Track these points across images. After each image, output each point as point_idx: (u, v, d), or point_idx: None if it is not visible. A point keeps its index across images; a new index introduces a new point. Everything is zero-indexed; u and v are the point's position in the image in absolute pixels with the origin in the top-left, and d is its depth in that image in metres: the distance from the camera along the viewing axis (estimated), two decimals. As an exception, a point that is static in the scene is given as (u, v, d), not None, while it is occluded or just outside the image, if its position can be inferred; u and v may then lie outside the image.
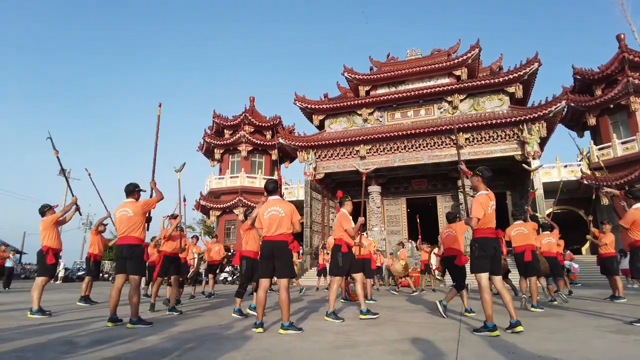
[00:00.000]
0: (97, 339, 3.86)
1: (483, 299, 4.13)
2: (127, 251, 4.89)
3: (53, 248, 6.12)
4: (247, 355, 3.11)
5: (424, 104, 22.85)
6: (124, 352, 3.21)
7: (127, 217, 4.93)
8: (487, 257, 4.21)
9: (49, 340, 3.75)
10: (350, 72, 24.76)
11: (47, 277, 6.17)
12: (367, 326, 4.76)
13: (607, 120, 22.08)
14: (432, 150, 21.32)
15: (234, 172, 28.82)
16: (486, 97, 21.72)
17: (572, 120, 24.63)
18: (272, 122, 29.36)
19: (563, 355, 3.09)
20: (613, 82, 21.71)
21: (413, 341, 3.73)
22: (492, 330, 3.97)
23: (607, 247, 8.65)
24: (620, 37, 21.71)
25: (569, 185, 22.37)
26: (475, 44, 22.60)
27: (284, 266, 4.38)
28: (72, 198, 6.67)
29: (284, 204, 4.50)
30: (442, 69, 23.22)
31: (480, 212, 4.19)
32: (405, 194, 25.72)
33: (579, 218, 23.35)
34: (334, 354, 3.19)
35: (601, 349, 3.36)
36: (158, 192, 5.40)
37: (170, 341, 3.74)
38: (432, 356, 3.10)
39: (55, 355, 3.10)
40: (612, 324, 4.76)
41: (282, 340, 3.78)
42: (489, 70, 25.88)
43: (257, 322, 4.32)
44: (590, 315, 5.72)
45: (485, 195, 4.30)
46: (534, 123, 19.39)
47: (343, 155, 22.98)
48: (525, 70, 20.54)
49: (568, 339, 3.83)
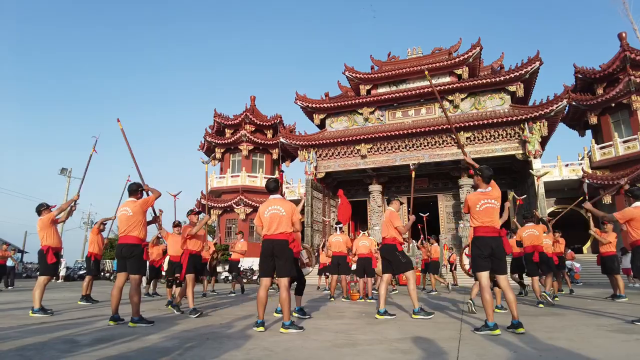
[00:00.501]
0: (98, 337, 3.87)
1: (483, 298, 4.13)
2: (126, 250, 4.92)
3: (53, 247, 6.13)
4: (248, 355, 3.11)
5: (425, 103, 22.84)
6: (125, 351, 3.22)
7: (127, 216, 4.95)
8: (483, 256, 4.20)
9: (51, 339, 3.76)
10: (351, 71, 24.75)
11: (49, 276, 6.20)
12: (368, 325, 4.76)
13: (609, 119, 22.02)
14: (433, 149, 21.32)
15: (235, 171, 28.84)
16: (487, 96, 21.70)
17: (574, 119, 24.60)
18: (273, 121, 29.34)
19: (564, 354, 3.08)
20: (615, 80, 21.65)
21: (414, 340, 3.73)
22: (493, 329, 3.97)
23: (610, 245, 8.63)
24: (622, 36, 21.64)
25: (570, 185, 22.35)
26: (476, 43, 22.58)
27: (284, 265, 4.38)
28: (74, 196, 6.67)
29: (284, 203, 4.51)
30: (443, 68, 23.21)
31: (465, 207, 4.38)
32: (407, 193, 25.65)
33: (580, 217, 23.32)
34: (335, 353, 3.19)
35: (603, 348, 3.36)
36: (154, 190, 5.40)
37: (172, 340, 3.75)
38: (433, 355, 3.09)
39: (57, 354, 3.11)
40: (613, 323, 4.75)
41: (283, 339, 3.78)
42: (490, 69, 25.87)
43: (258, 321, 4.31)
44: (591, 315, 5.71)
45: (477, 193, 4.33)
46: (535, 122, 19.38)
47: (344, 154, 22.99)
48: (527, 69, 20.52)
49: (569, 338, 3.83)
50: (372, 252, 9.13)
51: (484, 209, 4.23)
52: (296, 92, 24.55)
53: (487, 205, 4.23)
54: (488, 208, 4.24)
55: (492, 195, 4.28)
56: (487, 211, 4.24)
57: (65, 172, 31.71)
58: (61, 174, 31.74)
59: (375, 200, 24.24)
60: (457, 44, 25.54)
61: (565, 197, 23.28)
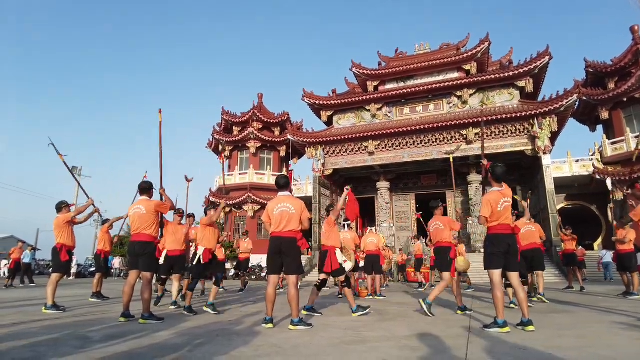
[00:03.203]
0: (109, 334, 3.92)
1: (495, 295, 4.11)
2: (139, 248, 4.96)
3: (67, 245, 6.25)
4: (257, 351, 3.13)
5: (433, 99, 22.67)
6: (136, 347, 3.25)
7: (140, 214, 4.99)
8: (499, 253, 4.19)
9: (63, 335, 3.82)
10: (359, 67, 24.64)
11: (62, 274, 6.36)
12: (377, 322, 4.77)
13: (621, 113, 21.68)
14: (442, 145, 21.16)
15: (242, 169, 28.95)
16: (496, 91, 21.48)
17: (584, 115, 24.27)
18: (281, 118, 29.37)
19: (574, 352, 3.05)
20: (627, 74, 21.31)
21: (422, 337, 3.72)
22: (502, 327, 3.95)
23: (629, 243, 8.49)
24: (635, 29, 21.27)
25: (580, 181, 22.07)
26: (484, 38, 22.34)
27: (292, 263, 4.39)
28: (88, 200, 6.69)
29: (294, 201, 4.51)
30: (451, 64, 23.00)
31: (487, 210, 4.22)
32: (415, 190, 25.59)
33: (590, 213, 23.05)
34: (343, 350, 3.19)
35: (614, 346, 3.32)
36: (169, 199, 5.42)
37: (181, 337, 3.79)
38: (441, 352, 3.08)
39: (70, 350, 3.15)
40: (625, 321, 4.69)
41: (291, 336, 3.79)
42: (498, 64, 25.58)
43: (267, 318, 4.33)
44: (602, 312, 5.65)
45: (496, 193, 4.27)
46: (545, 117, 19.14)
47: (351, 151, 22.92)
48: (536, 63, 20.25)
49: (579, 335, 3.79)
50: (380, 249, 9.13)
51: (504, 208, 4.24)
52: (303, 90, 24.52)
53: (506, 204, 4.26)
54: (507, 207, 4.27)
55: (508, 194, 4.31)
56: (507, 210, 4.26)
57: (75, 171, 32.09)
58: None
59: (383, 197, 24.17)
60: (465, 40, 25.28)
61: (575, 193, 23.02)
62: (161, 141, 5.98)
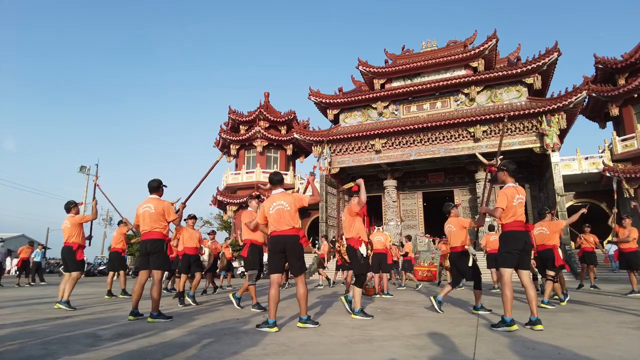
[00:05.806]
0: (119, 332, 3.97)
1: (504, 294, 4.09)
2: (150, 246, 4.98)
3: (82, 245, 6.38)
4: (265, 350, 3.15)
5: (440, 96, 22.54)
6: (146, 346, 3.29)
7: (150, 213, 5.00)
8: (515, 251, 4.18)
9: (74, 334, 3.88)
10: (365, 65, 24.56)
11: (81, 272, 6.55)
12: (384, 321, 4.77)
13: (631, 110, 21.37)
14: (449, 143, 21.05)
15: (249, 168, 29.04)
16: (504, 88, 21.30)
17: (594, 111, 23.97)
18: (287, 117, 29.40)
19: (584, 351, 3.04)
20: (637, 70, 21.01)
21: (430, 336, 3.72)
22: (510, 325, 3.94)
23: (633, 242, 8.41)
24: (645, 24, 20.95)
25: (590, 178, 21.83)
26: (492, 35, 22.14)
27: (297, 262, 4.34)
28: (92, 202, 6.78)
29: (286, 197, 4.42)
30: (458, 61, 22.83)
31: (504, 202, 4.23)
32: (422, 188, 25.49)
33: (600, 211, 22.79)
34: (350, 349, 3.21)
35: (623, 345, 3.29)
36: (180, 216, 5.42)
37: (190, 335, 3.82)
38: (449, 351, 3.08)
39: (81, 348, 3.20)
40: (634, 320, 4.65)
41: (299, 335, 3.81)
42: (506, 61, 25.36)
43: (271, 321, 4.06)
44: (612, 311, 5.61)
45: (512, 188, 4.31)
46: (554, 114, 18.95)
47: (358, 149, 22.88)
48: (544, 60, 20.04)
49: (589, 334, 3.77)
50: (387, 247, 9.12)
51: (518, 203, 4.27)
52: (310, 88, 24.50)
53: (520, 200, 4.29)
54: (521, 203, 4.30)
55: (521, 190, 4.34)
56: (521, 206, 4.29)
57: (84, 170, 32.39)
58: (80, 172, 32.45)
59: (390, 196, 24.11)
60: (473, 36, 25.08)
61: (584, 191, 22.76)
62: (208, 174, 5.97)
